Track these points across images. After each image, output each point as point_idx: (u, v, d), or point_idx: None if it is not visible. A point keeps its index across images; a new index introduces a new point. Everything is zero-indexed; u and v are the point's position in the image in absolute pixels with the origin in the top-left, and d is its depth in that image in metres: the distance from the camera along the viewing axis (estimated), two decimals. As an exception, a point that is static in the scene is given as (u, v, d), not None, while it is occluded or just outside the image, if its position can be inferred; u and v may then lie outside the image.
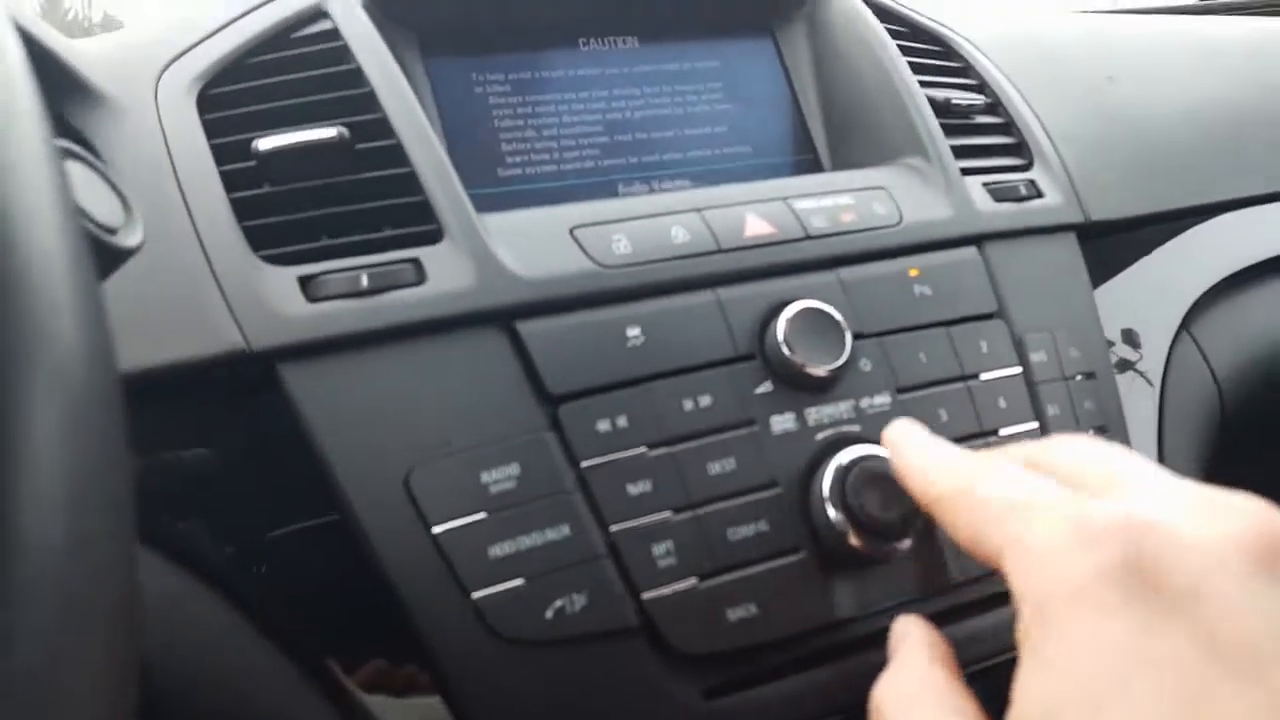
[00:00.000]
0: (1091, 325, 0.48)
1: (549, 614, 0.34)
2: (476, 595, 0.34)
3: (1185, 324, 0.56)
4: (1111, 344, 0.53)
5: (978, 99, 0.51)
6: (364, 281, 0.36)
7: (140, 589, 0.20)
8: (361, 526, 0.34)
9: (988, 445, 0.41)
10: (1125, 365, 0.54)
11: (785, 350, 0.38)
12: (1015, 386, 0.43)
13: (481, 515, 0.34)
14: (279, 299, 0.36)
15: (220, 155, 0.38)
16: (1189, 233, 0.58)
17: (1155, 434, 0.51)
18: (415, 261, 0.37)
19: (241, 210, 0.37)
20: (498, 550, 0.34)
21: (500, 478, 0.35)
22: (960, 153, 0.48)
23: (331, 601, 0.38)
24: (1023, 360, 0.44)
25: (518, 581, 0.34)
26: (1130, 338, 0.54)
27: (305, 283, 0.36)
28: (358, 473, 0.35)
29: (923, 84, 0.49)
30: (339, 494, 0.34)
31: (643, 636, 0.34)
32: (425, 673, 0.35)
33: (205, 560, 0.36)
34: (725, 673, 0.35)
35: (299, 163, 0.38)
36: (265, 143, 0.38)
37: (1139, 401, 0.53)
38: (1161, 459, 0.50)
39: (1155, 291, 0.56)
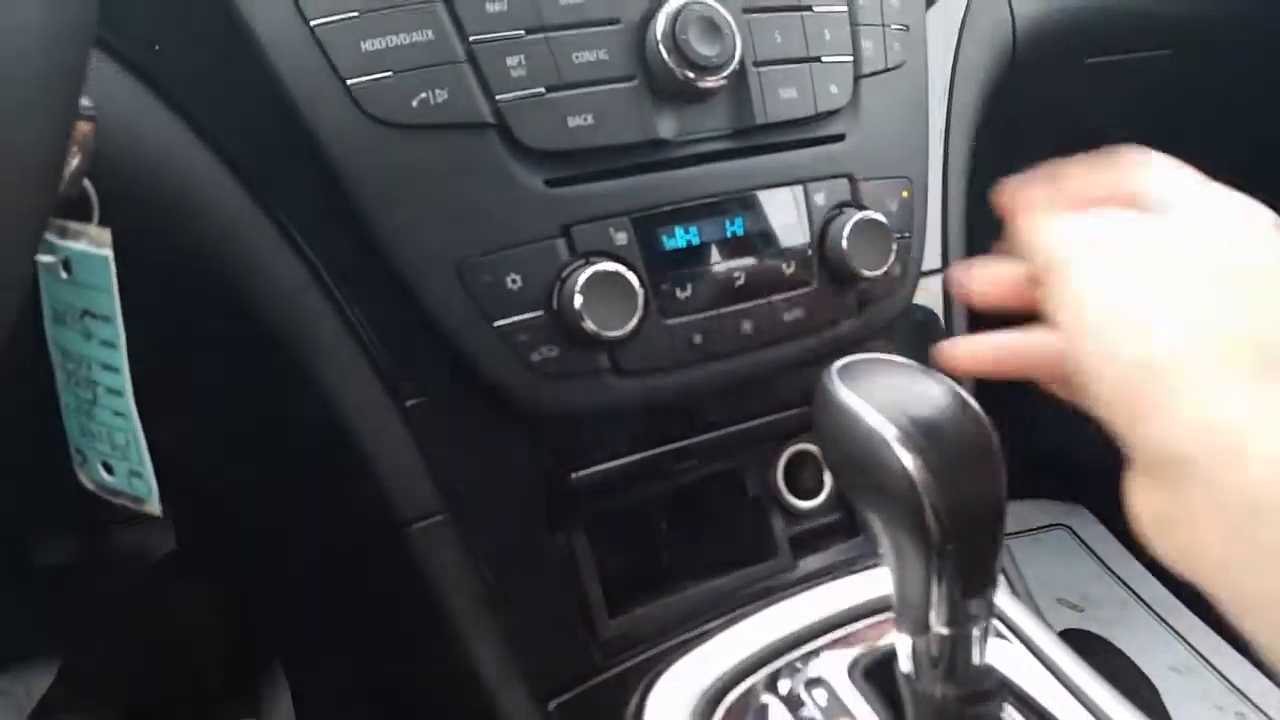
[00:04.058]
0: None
1: (414, 103, 0.39)
2: (351, 82, 0.39)
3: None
4: None
5: None
6: None
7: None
8: (251, 32, 0.38)
9: (800, 13, 0.47)
10: None
11: (635, -101, 0.42)
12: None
13: (354, 13, 0.38)
14: None
15: None
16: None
17: (952, 56, 0.59)
18: None
19: None
20: (368, 45, 0.39)
21: (370, -15, 0.39)
22: None
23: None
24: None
25: (387, 74, 0.39)
26: None
27: None
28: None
29: None
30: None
31: (495, 131, 0.41)
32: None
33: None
34: (563, 168, 0.42)
35: None
36: None
37: (943, 31, 0.60)
38: (953, 76, 0.59)
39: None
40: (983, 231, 0.61)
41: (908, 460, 0.33)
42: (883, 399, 0.35)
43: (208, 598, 0.96)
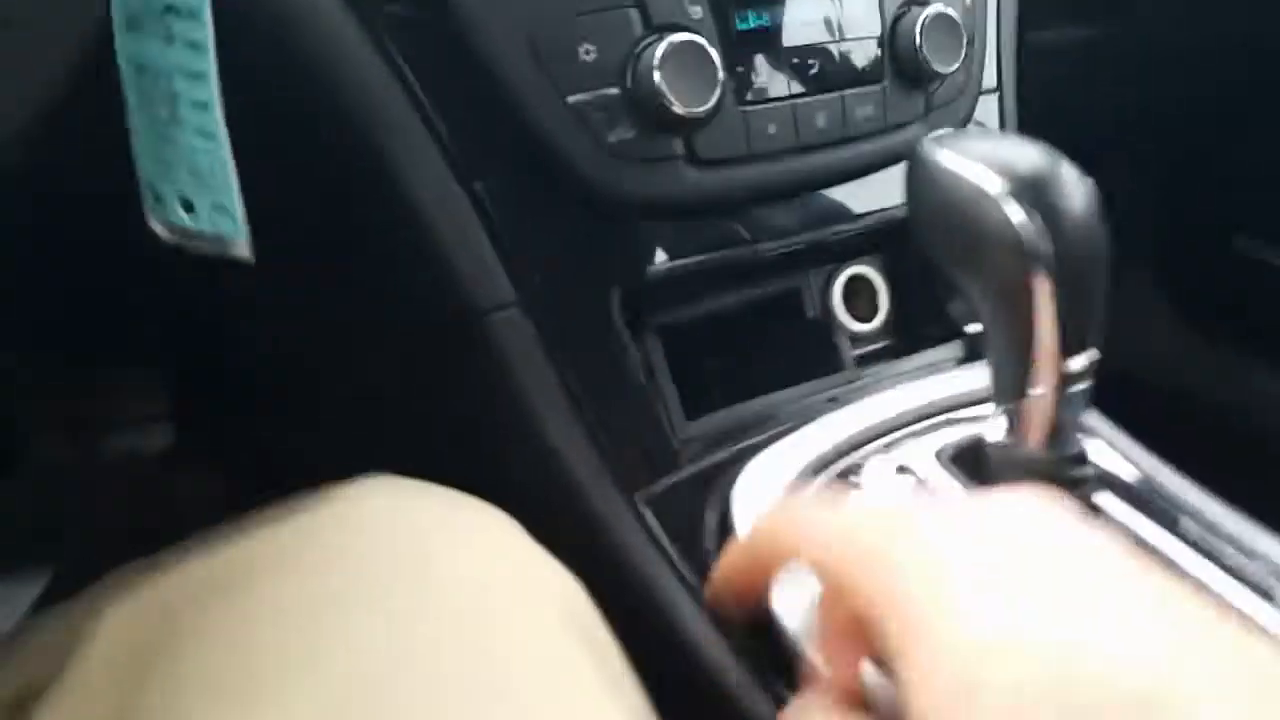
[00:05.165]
0: None
1: None
2: None
3: None
4: None
5: None
6: None
7: None
8: None
9: None
10: None
11: None
12: None
13: None
14: None
15: None
16: None
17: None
18: None
19: None
20: None
21: None
22: None
23: None
24: None
25: None
26: None
27: None
28: None
29: None
30: None
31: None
32: None
33: None
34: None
35: None
36: None
37: None
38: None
39: None
40: (1037, 57, 0.60)
41: (1014, 214, 0.32)
42: (984, 158, 0.34)
43: (211, 489, 0.93)
